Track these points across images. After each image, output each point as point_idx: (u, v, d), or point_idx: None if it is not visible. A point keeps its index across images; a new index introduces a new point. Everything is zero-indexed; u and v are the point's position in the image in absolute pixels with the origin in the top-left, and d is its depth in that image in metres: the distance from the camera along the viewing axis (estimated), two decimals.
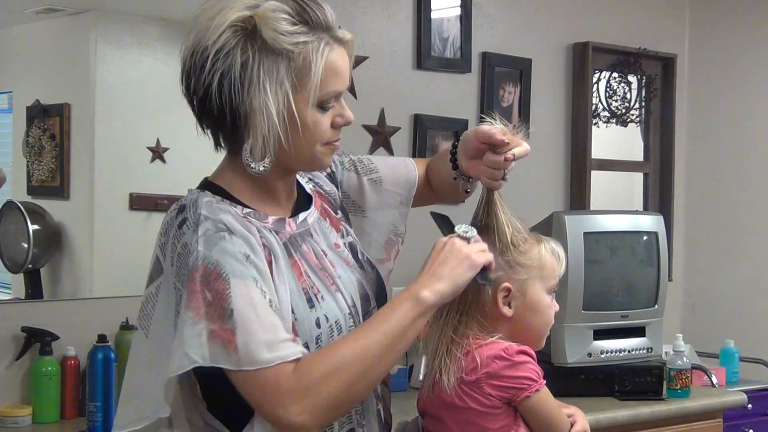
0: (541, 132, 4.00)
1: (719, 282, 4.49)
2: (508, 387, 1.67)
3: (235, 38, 1.51)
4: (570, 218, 3.16)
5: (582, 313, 3.13)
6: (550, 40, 4.04)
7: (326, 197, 1.79)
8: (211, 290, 1.46)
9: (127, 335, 2.81)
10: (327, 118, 1.59)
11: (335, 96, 1.59)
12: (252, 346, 1.44)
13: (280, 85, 1.52)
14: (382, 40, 3.50)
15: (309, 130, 1.56)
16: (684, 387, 3.17)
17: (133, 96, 3.07)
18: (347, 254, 1.71)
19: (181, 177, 3.11)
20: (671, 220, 4.35)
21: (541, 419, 1.70)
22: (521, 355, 1.69)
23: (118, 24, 3.09)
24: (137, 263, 3.04)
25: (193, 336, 1.45)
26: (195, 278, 1.48)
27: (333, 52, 1.56)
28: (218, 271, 1.47)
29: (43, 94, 3.02)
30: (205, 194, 1.59)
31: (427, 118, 3.63)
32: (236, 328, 1.44)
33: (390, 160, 1.95)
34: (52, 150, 2.99)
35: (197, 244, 1.49)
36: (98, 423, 2.62)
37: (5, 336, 2.75)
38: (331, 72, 1.56)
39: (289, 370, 1.45)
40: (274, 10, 1.52)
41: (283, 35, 1.51)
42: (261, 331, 1.45)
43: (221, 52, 1.51)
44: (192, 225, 1.52)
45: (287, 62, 1.52)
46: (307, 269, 1.60)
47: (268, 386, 1.45)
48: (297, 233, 1.63)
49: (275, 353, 1.45)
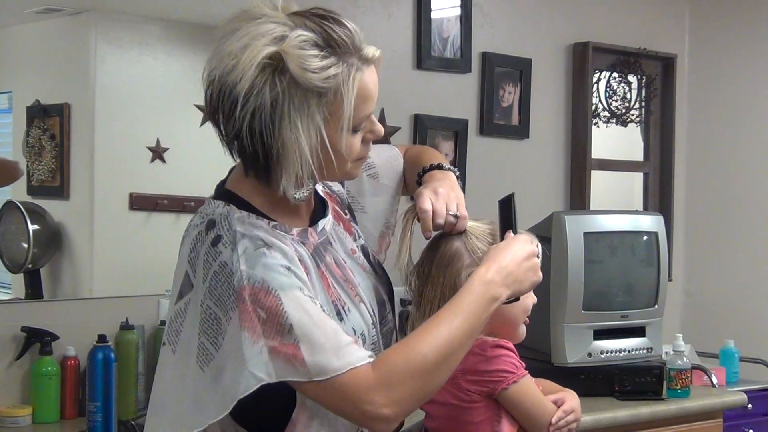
0: (541, 132, 4.00)
1: (719, 282, 4.49)
2: (485, 381, 1.71)
3: (263, 76, 1.46)
4: (570, 218, 3.15)
5: (582, 313, 3.12)
6: (550, 40, 4.04)
7: (335, 197, 1.78)
8: (264, 308, 1.45)
9: (127, 335, 2.82)
10: (358, 138, 1.57)
11: (367, 116, 1.57)
12: (320, 357, 1.44)
13: (312, 120, 1.48)
14: (382, 40, 3.50)
15: (342, 155, 1.54)
16: (684, 387, 3.16)
17: (133, 96, 3.07)
18: (362, 260, 1.71)
19: (181, 177, 3.13)
20: (671, 220, 4.36)
21: (521, 409, 1.73)
22: (496, 348, 1.72)
23: (118, 24, 3.09)
24: (137, 263, 3.07)
25: (254, 355, 1.44)
26: (245, 298, 1.45)
27: (363, 75, 1.54)
28: (266, 288, 1.45)
29: (43, 94, 3.02)
30: (233, 209, 1.55)
31: (427, 118, 3.63)
32: (299, 341, 1.44)
33: (382, 151, 1.92)
34: (52, 150, 2.99)
35: (239, 263, 1.47)
36: (98, 423, 2.62)
37: (5, 336, 2.75)
38: (363, 97, 1.54)
39: (366, 371, 1.46)
40: (300, 46, 1.46)
41: (313, 73, 1.46)
42: (324, 340, 1.44)
43: (251, 93, 1.46)
44: (229, 243, 1.49)
45: (318, 97, 1.48)
46: (332, 281, 1.59)
47: (348, 389, 1.45)
48: (319, 243, 1.62)
49: (344, 359, 1.45)
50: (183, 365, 1.50)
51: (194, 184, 3.10)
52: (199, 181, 3.17)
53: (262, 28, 1.47)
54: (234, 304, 1.45)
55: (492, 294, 1.55)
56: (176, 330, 1.52)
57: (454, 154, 3.70)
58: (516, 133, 3.91)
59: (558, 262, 3.07)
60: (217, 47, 1.51)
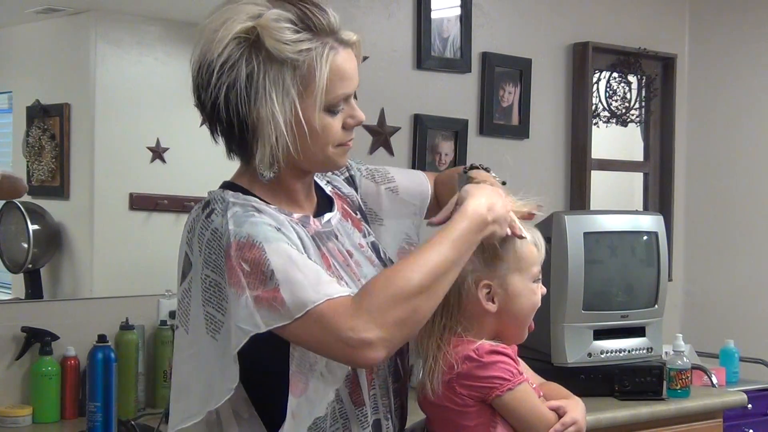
0: (541, 132, 4.00)
1: (719, 282, 4.49)
2: (479, 386, 1.70)
3: (239, 50, 1.52)
4: (570, 218, 3.15)
5: (582, 313, 3.12)
6: (550, 40, 4.04)
7: (345, 198, 1.80)
8: (247, 260, 1.47)
9: (127, 335, 2.82)
10: (337, 120, 1.59)
11: (344, 98, 1.59)
12: (298, 294, 1.45)
13: (287, 94, 1.52)
14: (382, 40, 3.50)
15: (318, 134, 1.57)
16: (684, 387, 3.16)
17: (133, 96, 3.07)
18: (371, 253, 1.73)
19: (181, 177, 3.13)
20: (671, 220, 4.35)
21: (516, 417, 1.72)
22: (492, 355, 1.71)
23: (118, 24, 3.09)
24: (137, 263, 3.07)
25: (240, 308, 1.46)
26: (230, 255, 1.49)
27: (338, 55, 1.57)
28: (251, 241, 1.48)
29: (43, 94, 3.02)
30: (229, 192, 1.60)
31: (427, 118, 3.62)
32: (280, 284, 1.46)
33: (404, 171, 1.96)
34: (52, 150, 2.99)
35: (227, 225, 1.51)
36: (98, 423, 2.61)
37: (5, 336, 2.75)
38: (338, 75, 1.56)
39: (345, 300, 1.46)
40: (276, 19, 1.52)
41: (286, 44, 1.51)
42: (303, 278, 1.46)
43: (226, 65, 1.52)
44: (220, 212, 1.55)
45: (292, 70, 1.52)
46: (334, 263, 1.62)
47: (326, 318, 1.45)
48: (322, 231, 1.65)
49: (321, 292, 1.45)
50: (197, 342, 1.54)
51: (194, 184, 3.10)
52: (199, 181, 3.16)
53: (242, 8, 1.54)
54: (225, 264, 1.49)
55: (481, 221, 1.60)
56: (185, 310, 1.56)
57: (454, 154, 3.70)
58: (516, 133, 3.91)
59: (558, 262, 3.07)
60: (201, 27, 1.57)
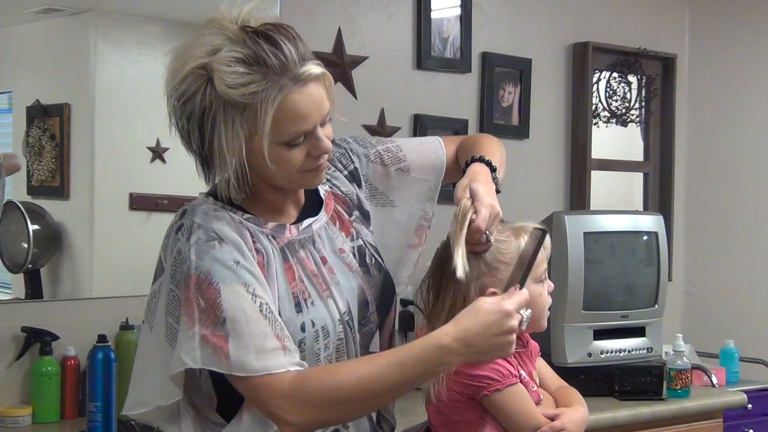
0: (541, 132, 4.00)
1: (719, 282, 4.49)
2: (468, 384, 1.71)
3: (196, 84, 1.55)
4: (570, 218, 3.16)
5: (582, 313, 3.13)
6: (550, 40, 4.04)
7: (342, 198, 1.80)
8: (204, 297, 1.54)
9: (127, 335, 2.82)
10: (298, 152, 1.60)
11: (304, 134, 1.59)
12: (242, 355, 1.52)
13: (235, 133, 1.55)
14: (382, 40, 3.50)
15: (275, 166, 1.59)
16: (684, 387, 3.16)
17: (133, 96, 3.07)
18: (351, 259, 1.73)
19: (181, 177, 3.12)
20: (671, 220, 4.35)
21: (503, 416, 1.73)
22: None
23: (118, 24, 3.09)
24: (137, 263, 3.06)
25: (186, 340, 1.55)
26: (189, 285, 1.56)
27: (290, 95, 1.55)
28: (209, 279, 1.55)
29: (43, 94, 3.02)
30: (207, 200, 1.66)
31: (427, 118, 3.62)
32: (229, 335, 1.53)
33: (419, 144, 1.93)
34: (52, 150, 2.99)
35: (190, 253, 1.58)
36: (98, 423, 2.62)
37: (5, 336, 2.75)
38: (290, 115, 1.56)
39: (282, 379, 1.53)
40: (227, 62, 1.53)
41: (233, 89, 1.53)
42: (250, 340, 1.53)
43: (183, 96, 1.57)
44: (186, 232, 1.60)
45: (241, 112, 1.54)
46: (301, 274, 1.65)
47: (261, 391, 1.54)
48: (296, 239, 1.67)
49: (262, 363, 1.53)
50: (157, 342, 1.63)
51: (194, 184, 3.07)
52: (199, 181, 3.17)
53: (206, 39, 1.57)
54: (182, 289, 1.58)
55: (443, 362, 1.52)
56: (152, 309, 1.65)
57: None
58: (516, 133, 3.91)
59: (558, 262, 3.07)
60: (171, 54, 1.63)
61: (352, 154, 1.85)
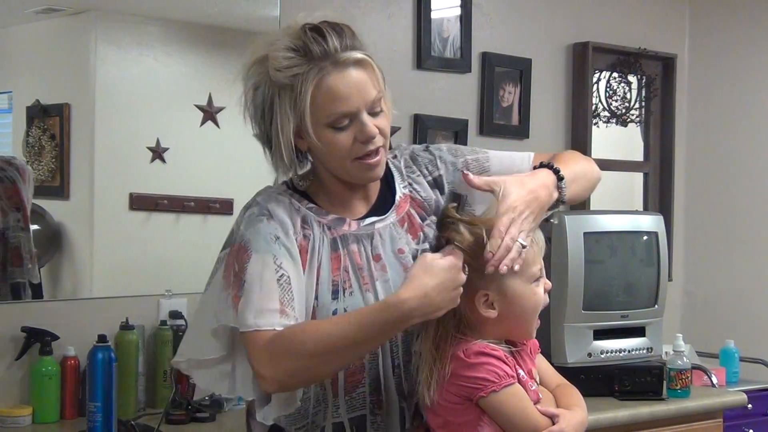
0: (541, 132, 4.00)
1: (719, 282, 4.49)
2: (464, 386, 1.71)
3: (258, 74, 1.73)
4: (570, 218, 3.15)
5: (582, 313, 3.13)
6: (550, 40, 4.04)
7: (420, 202, 1.87)
8: (239, 263, 1.71)
9: (127, 335, 2.82)
10: (345, 136, 1.72)
11: (346, 115, 1.71)
12: (245, 312, 1.67)
13: (287, 117, 1.71)
14: (382, 40, 3.50)
15: (326, 149, 1.73)
16: (684, 387, 3.16)
17: (133, 96, 3.07)
18: (409, 260, 1.79)
19: (181, 177, 3.12)
20: (671, 220, 4.36)
21: (501, 418, 1.72)
22: (480, 356, 1.70)
23: (118, 24, 3.09)
24: (137, 263, 3.07)
25: (222, 300, 1.72)
26: (232, 252, 1.74)
27: (328, 77, 1.69)
28: (246, 247, 1.72)
29: (43, 94, 3.02)
30: (280, 186, 1.82)
31: (427, 118, 3.63)
32: (243, 294, 1.68)
33: (508, 158, 1.97)
34: (52, 150, 2.99)
35: (241, 224, 1.76)
36: (98, 423, 2.61)
37: (5, 336, 2.75)
38: (330, 95, 1.70)
39: (265, 336, 1.65)
40: (279, 49, 1.71)
41: (279, 71, 1.70)
42: (256, 299, 1.67)
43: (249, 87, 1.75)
44: (245, 208, 1.79)
45: (290, 93, 1.70)
46: (347, 265, 1.76)
47: (249, 345, 1.67)
48: (353, 233, 1.79)
49: (257, 320, 1.66)
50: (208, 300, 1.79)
51: (194, 184, 3.10)
52: (199, 181, 3.17)
53: (272, 37, 1.75)
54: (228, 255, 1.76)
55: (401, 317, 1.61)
56: (213, 272, 1.81)
57: None
58: (516, 133, 3.91)
59: (558, 262, 3.07)
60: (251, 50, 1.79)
61: (440, 161, 1.91)
